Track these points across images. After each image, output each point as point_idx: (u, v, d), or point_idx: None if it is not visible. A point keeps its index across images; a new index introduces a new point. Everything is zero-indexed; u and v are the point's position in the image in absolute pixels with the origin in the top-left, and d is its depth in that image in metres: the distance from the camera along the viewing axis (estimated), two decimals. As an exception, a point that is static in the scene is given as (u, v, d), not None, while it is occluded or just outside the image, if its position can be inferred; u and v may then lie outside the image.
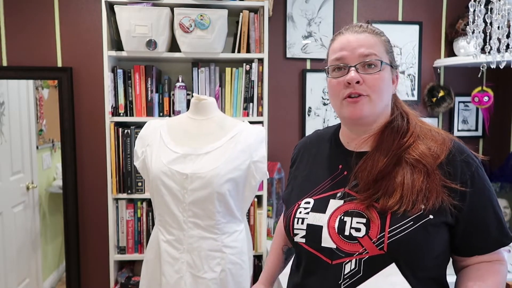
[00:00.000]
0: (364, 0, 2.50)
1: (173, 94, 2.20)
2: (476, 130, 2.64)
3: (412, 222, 0.86)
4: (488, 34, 1.55)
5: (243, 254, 1.57)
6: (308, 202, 0.98)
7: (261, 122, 2.18)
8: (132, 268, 2.32)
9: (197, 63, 2.20)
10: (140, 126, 2.04)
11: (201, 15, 2.05)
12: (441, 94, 2.50)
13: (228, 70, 2.20)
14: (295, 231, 0.97)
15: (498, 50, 1.56)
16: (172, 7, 2.09)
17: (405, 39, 2.52)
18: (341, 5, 2.48)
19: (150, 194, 1.59)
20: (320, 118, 2.51)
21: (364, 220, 0.89)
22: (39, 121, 2.42)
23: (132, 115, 2.18)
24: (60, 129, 2.31)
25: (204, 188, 1.46)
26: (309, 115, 2.50)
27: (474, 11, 1.56)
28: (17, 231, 2.40)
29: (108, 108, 2.12)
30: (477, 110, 2.60)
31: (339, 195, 0.96)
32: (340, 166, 1.00)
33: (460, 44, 2.41)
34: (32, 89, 2.38)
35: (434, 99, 2.51)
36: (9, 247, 2.35)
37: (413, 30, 2.53)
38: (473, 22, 1.57)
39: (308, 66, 2.49)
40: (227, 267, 1.51)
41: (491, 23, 1.54)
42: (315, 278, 0.94)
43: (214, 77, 2.21)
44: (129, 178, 2.17)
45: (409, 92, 2.56)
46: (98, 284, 2.41)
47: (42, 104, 2.41)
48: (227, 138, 1.55)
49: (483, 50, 1.60)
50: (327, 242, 0.91)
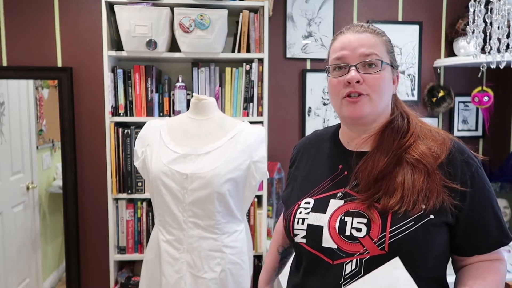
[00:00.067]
0: (364, 0, 2.50)
1: (173, 94, 2.20)
2: (476, 130, 2.64)
3: (413, 222, 0.86)
4: (488, 34, 1.55)
5: (243, 254, 1.57)
6: (308, 202, 0.98)
7: (261, 122, 2.18)
8: (132, 268, 2.32)
9: (197, 63, 2.20)
10: (140, 126, 2.04)
11: (201, 15, 2.05)
12: (441, 94, 2.50)
13: (228, 70, 2.20)
14: (295, 231, 0.97)
15: (498, 50, 1.56)
16: (172, 7, 2.09)
17: (405, 39, 2.52)
18: (341, 5, 2.48)
19: (150, 194, 1.59)
20: (320, 118, 2.51)
21: (365, 220, 0.89)
22: (39, 121, 2.42)
23: (132, 115, 2.18)
24: (60, 129, 2.31)
25: (204, 188, 1.46)
26: (309, 115, 2.50)
27: (474, 11, 1.56)
28: (17, 231, 2.40)
29: (108, 108, 2.12)
30: (477, 110, 2.60)
31: (339, 195, 0.95)
32: (340, 166, 1.00)
33: (460, 44, 2.41)
34: (32, 89, 2.38)
35: (434, 99, 2.51)
36: (9, 247, 2.35)
37: (413, 30, 2.53)
38: (473, 22, 1.57)
39: (308, 66, 2.49)
40: (227, 267, 1.51)
41: (491, 23, 1.54)
42: (316, 278, 0.94)
43: (214, 77, 2.21)
44: (129, 178, 2.17)
45: (409, 92, 2.56)
46: (98, 284, 2.41)
47: (42, 104, 2.41)
48: (227, 138, 1.55)
49: (483, 50, 1.60)
50: (328, 242, 0.91)
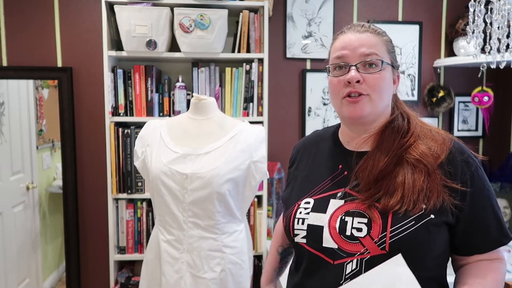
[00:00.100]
0: (364, 0, 2.50)
1: (173, 94, 2.20)
2: (476, 130, 2.64)
3: (414, 222, 0.86)
4: (488, 34, 1.55)
5: (243, 254, 1.57)
6: (308, 202, 0.98)
7: (261, 122, 2.18)
8: (132, 268, 2.32)
9: (197, 63, 2.20)
10: (140, 126, 2.04)
11: (201, 15, 2.05)
12: (441, 94, 2.50)
13: (228, 70, 2.20)
14: (296, 232, 0.97)
15: (498, 50, 1.56)
16: (172, 7, 2.09)
17: (405, 39, 2.52)
18: (341, 5, 2.48)
19: (150, 194, 1.59)
20: (320, 118, 2.51)
21: (365, 220, 0.89)
22: (39, 121, 2.42)
23: (132, 115, 2.18)
24: (60, 129, 2.31)
25: (204, 188, 1.46)
26: (309, 115, 2.50)
27: (474, 11, 1.56)
28: (17, 231, 2.40)
29: (108, 108, 2.12)
30: (477, 110, 2.60)
31: (339, 195, 0.95)
32: (340, 166, 1.00)
33: (460, 44, 2.41)
34: (32, 89, 2.38)
35: (434, 99, 2.51)
36: (9, 247, 2.35)
37: (413, 30, 2.53)
38: (473, 22, 1.57)
39: (308, 66, 2.49)
40: (227, 267, 1.51)
41: (491, 23, 1.54)
42: (316, 278, 0.93)
43: (214, 77, 2.21)
44: (129, 178, 2.17)
45: (409, 92, 2.56)
46: (98, 284, 2.41)
47: (42, 104, 2.41)
48: (227, 138, 1.55)
49: (483, 50, 1.60)
50: (328, 242, 0.91)
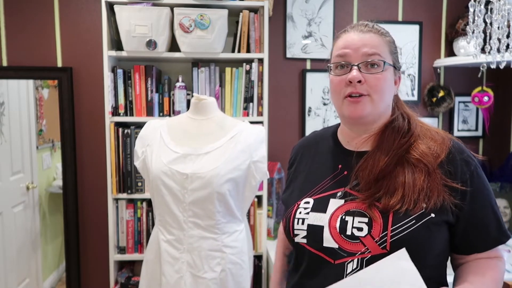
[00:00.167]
0: (364, 0, 2.50)
1: (173, 94, 2.20)
2: (476, 130, 2.64)
3: (414, 221, 0.86)
4: (488, 34, 1.55)
5: (243, 254, 1.57)
6: (308, 202, 0.98)
7: (261, 122, 2.18)
8: (132, 268, 2.32)
9: (197, 63, 2.20)
10: (140, 126, 2.04)
11: (201, 15, 2.05)
12: (441, 94, 2.50)
13: (228, 70, 2.20)
14: (296, 232, 0.97)
15: (498, 50, 1.56)
16: (172, 7, 2.09)
17: (405, 39, 2.52)
18: (341, 5, 2.48)
19: (150, 194, 1.59)
20: (320, 118, 2.51)
21: (366, 220, 0.89)
22: (39, 121, 2.42)
23: (132, 115, 2.18)
24: (60, 129, 2.30)
25: (204, 188, 1.46)
26: (309, 115, 2.50)
27: (474, 11, 1.55)
28: (17, 231, 2.40)
29: (108, 108, 2.12)
30: (477, 110, 2.60)
31: (339, 194, 0.95)
32: (340, 166, 1.00)
33: (460, 44, 2.41)
34: (32, 89, 2.38)
35: (434, 99, 2.51)
36: (9, 247, 2.35)
37: (413, 30, 2.53)
38: (473, 22, 1.57)
39: (308, 66, 2.49)
40: (227, 267, 1.51)
41: (491, 23, 1.54)
42: (317, 278, 0.93)
43: (214, 77, 2.21)
44: (129, 178, 2.17)
45: (409, 92, 2.56)
46: (98, 284, 2.41)
47: (42, 104, 2.41)
48: (227, 138, 1.55)
49: (483, 50, 1.60)
50: (328, 242, 0.91)
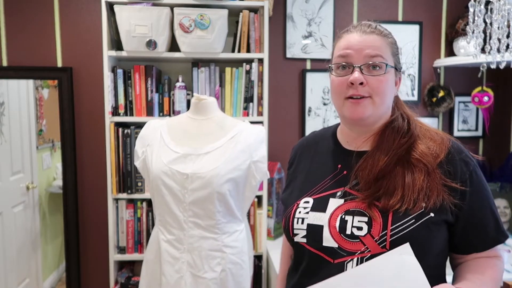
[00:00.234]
0: (364, 0, 2.50)
1: (173, 94, 2.20)
2: (476, 130, 2.64)
3: (414, 220, 0.86)
4: (488, 34, 1.55)
5: (243, 254, 1.57)
6: (307, 202, 0.98)
7: (261, 122, 2.18)
8: (132, 268, 2.32)
9: (197, 63, 2.20)
10: (140, 126, 2.04)
11: (201, 15, 2.05)
12: (441, 94, 2.50)
13: (228, 70, 2.20)
14: (295, 231, 0.97)
15: (498, 50, 1.56)
16: (172, 7, 2.09)
17: (405, 39, 2.52)
18: (341, 5, 2.48)
19: (151, 194, 1.59)
20: (320, 118, 2.51)
21: (365, 219, 0.89)
22: (39, 121, 2.42)
23: (132, 115, 2.18)
24: (60, 129, 2.30)
25: (204, 188, 1.46)
26: (309, 115, 2.50)
27: (474, 11, 1.55)
28: (17, 231, 2.40)
29: (108, 108, 2.12)
30: (477, 110, 2.60)
31: (339, 194, 0.96)
32: (340, 166, 1.00)
33: (460, 44, 2.41)
34: (32, 89, 2.38)
35: (434, 99, 2.51)
36: (9, 247, 2.35)
37: (413, 30, 2.53)
38: (473, 22, 1.57)
39: (308, 66, 2.49)
40: (227, 267, 1.51)
41: (491, 23, 1.54)
42: (316, 277, 0.93)
43: (214, 77, 2.21)
44: (129, 178, 2.17)
45: (409, 92, 2.56)
46: (98, 284, 2.41)
47: (42, 104, 2.41)
48: (227, 138, 1.55)
49: (483, 50, 1.60)
50: (328, 241, 0.91)
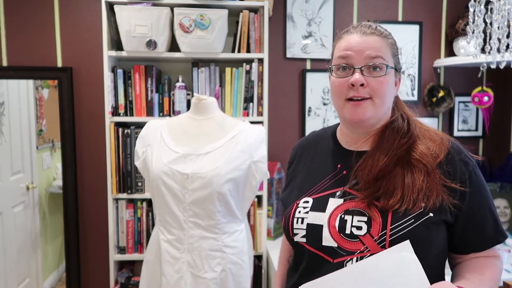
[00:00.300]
0: (364, 0, 2.50)
1: (173, 94, 2.20)
2: (476, 130, 2.64)
3: (413, 220, 0.86)
4: (488, 34, 1.55)
5: (243, 254, 1.57)
6: (307, 201, 0.99)
7: (261, 122, 2.18)
8: (132, 268, 2.32)
9: (197, 63, 2.20)
10: (140, 126, 2.04)
11: (201, 15, 2.05)
12: (441, 94, 2.50)
13: (228, 70, 2.20)
14: (295, 231, 0.97)
15: (498, 50, 1.56)
16: (172, 7, 2.09)
17: (405, 39, 2.52)
18: (341, 5, 2.48)
19: (151, 194, 1.59)
20: (320, 118, 2.51)
21: (365, 219, 0.89)
22: (39, 121, 2.42)
23: (132, 115, 2.18)
24: (60, 129, 2.30)
25: (204, 188, 1.46)
26: (309, 115, 2.50)
27: (474, 11, 1.56)
28: (17, 231, 2.40)
29: (108, 108, 2.12)
30: (477, 110, 2.60)
31: (338, 193, 0.96)
32: (339, 166, 1.01)
33: (460, 44, 2.41)
34: (32, 89, 2.38)
35: (434, 99, 2.51)
36: (9, 247, 2.35)
37: (413, 30, 2.53)
38: (473, 22, 1.57)
39: (308, 66, 2.49)
40: (227, 267, 1.51)
41: (491, 23, 1.54)
42: (316, 277, 0.93)
43: (214, 77, 2.21)
44: (129, 178, 2.17)
45: (409, 92, 2.56)
46: (98, 284, 2.41)
47: (42, 104, 2.41)
48: (227, 138, 1.55)
49: (483, 50, 1.60)
50: (328, 241, 0.91)
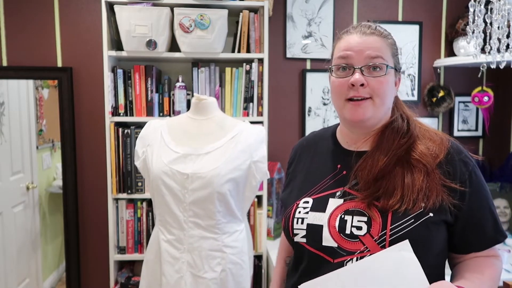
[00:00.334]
0: (364, 0, 2.50)
1: (173, 94, 2.20)
2: (476, 130, 2.64)
3: (413, 220, 0.87)
4: (488, 34, 1.55)
5: (243, 254, 1.57)
6: (307, 202, 0.99)
7: (261, 122, 2.18)
8: (132, 268, 2.32)
9: (197, 63, 2.20)
10: (140, 126, 2.04)
11: (201, 15, 2.05)
12: (441, 94, 2.50)
13: (228, 70, 2.20)
14: (295, 231, 0.97)
15: (498, 50, 1.56)
16: (172, 7, 2.09)
17: (405, 39, 2.52)
18: (341, 5, 2.48)
19: (151, 194, 1.59)
20: (320, 118, 2.51)
21: (365, 219, 0.89)
22: (39, 121, 2.42)
23: (132, 115, 2.18)
24: (60, 129, 2.31)
25: (204, 188, 1.46)
26: (309, 115, 2.50)
27: (474, 11, 1.55)
28: (17, 231, 2.40)
29: (108, 108, 2.12)
30: (477, 110, 2.60)
31: (338, 194, 0.96)
32: (339, 166, 1.01)
33: (460, 44, 2.41)
34: (32, 89, 2.38)
35: (434, 99, 2.51)
36: (9, 247, 2.35)
37: (413, 30, 2.53)
38: (473, 22, 1.57)
39: (308, 66, 2.49)
40: (227, 267, 1.51)
41: (491, 23, 1.54)
42: (316, 277, 0.93)
43: (214, 77, 2.21)
44: (129, 178, 2.17)
45: (409, 92, 2.56)
46: (98, 284, 2.41)
47: (42, 104, 2.41)
48: (228, 138, 1.55)
49: (483, 50, 1.60)
50: (328, 241, 0.91)
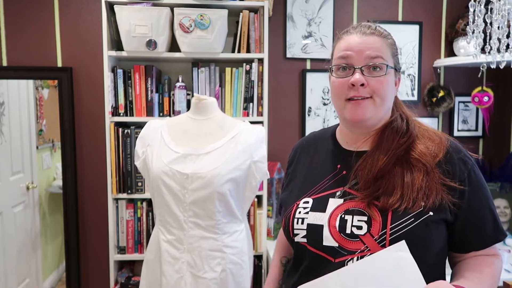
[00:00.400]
0: (364, 0, 2.50)
1: (173, 94, 2.20)
2: (476, 130, 2.64)
3: (413, 219, 0.87)
4: (488, 34, 1.55)
5: (243, 254, 1.57)
6: (307, 202, 0.99)
7: (261, 122, 2.18)
8: (132, 268, 2.32)
9: (197, 63, 2.20)
10: (140, 126, 2.04)
11: (201, 15, 2.05)
12: (441, 94, 2.50)
13: (228, 70, 2.20)
14: (295, 231, 0.97)
15: (498, 50, 1.56)
16: (172, 7, 2.09)
17: (405, 39, 2.52)
18: (341, 5, 2.48)
19: (151, 194, 1.59)
20: (320, 118, 2.51)
21: (365, 218, 0.89)
22: (39, 121, 2.42)
23: (132, 115, 2.18)
24: (60, 129, 2.31)
25: (204, 188, 1.46)
26: (309, 115, 2.50)
27: (474, 11, 1.55)
28: (17, 231, 2.40)
29: (108, 108, 2.12)
30: (477, 110, 2.60)
31: (338, 193, 0.96)
32: (339, 166, 1.01)
33: (460, 44, 2.41)
34: (32, 89, 2.38)
35: (434, 99, 2.51)
36: (9, 247, 2.35)
37: (413, 30, 2.53)
38: (473, 22, 1.57)
39: (308, 66, 2.49)
40: (227, 267, 1.51)
41: (491, 23, 1.54)
42: (317, 276, 0.93)
43: (214, 77, 2.21)
44: (129, 178, 2.17)
45: (409, 92, 2.56)
46: (98, 284, 2.41)
47: (42, 104, 2.41)
48: (228, 138, 1.55)
49: (483, 50, 1.60)
50: (328, 241, 0.91)
